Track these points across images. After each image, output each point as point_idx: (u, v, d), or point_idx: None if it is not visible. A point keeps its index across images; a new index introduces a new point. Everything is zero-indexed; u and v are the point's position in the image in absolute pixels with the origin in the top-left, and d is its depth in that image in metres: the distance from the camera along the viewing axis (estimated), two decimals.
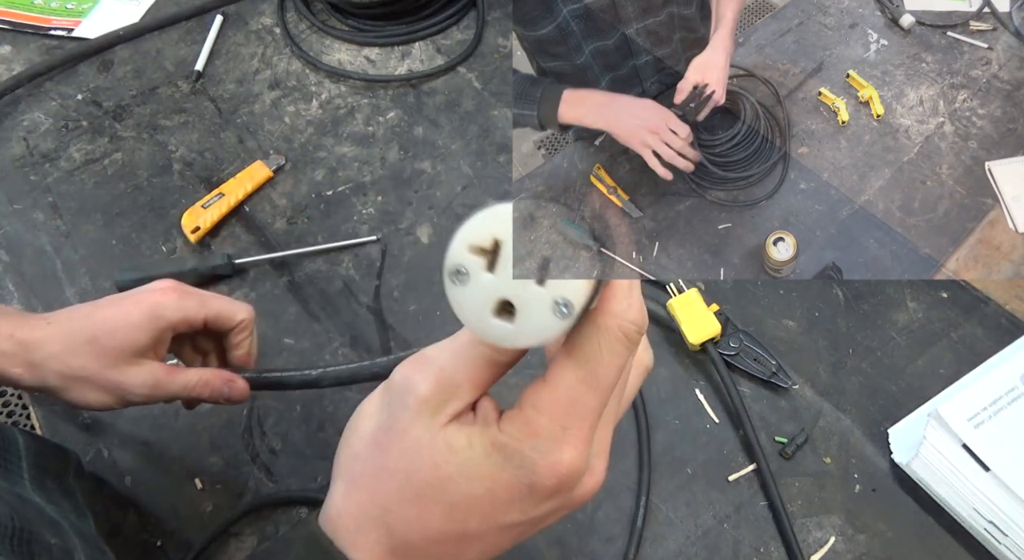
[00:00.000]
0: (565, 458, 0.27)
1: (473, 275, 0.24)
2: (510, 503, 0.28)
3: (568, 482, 0.28)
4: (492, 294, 0.24)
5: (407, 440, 0.29)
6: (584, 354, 0.28)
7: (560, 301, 0.24)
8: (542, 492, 0.28)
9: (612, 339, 0.27)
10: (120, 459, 0.56)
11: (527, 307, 0.24)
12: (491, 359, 0.29)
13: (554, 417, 0.27)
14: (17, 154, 0.75)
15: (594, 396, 0.28)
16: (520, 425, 0.28)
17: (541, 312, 0.24)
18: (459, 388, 0.29)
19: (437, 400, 0.29)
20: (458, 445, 0.28)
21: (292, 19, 0.85)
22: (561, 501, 0.29)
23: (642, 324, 0.28)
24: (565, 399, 0.27)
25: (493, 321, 0.24)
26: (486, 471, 0.28)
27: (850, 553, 0.51)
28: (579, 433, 0.27)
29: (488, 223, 0.24)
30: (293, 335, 0.62)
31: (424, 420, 0.28)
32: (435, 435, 0.28)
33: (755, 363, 0.58)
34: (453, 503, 0.28)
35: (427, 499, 0.28)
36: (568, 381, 0.28)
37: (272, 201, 0.71)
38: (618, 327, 0.27)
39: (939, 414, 0.50)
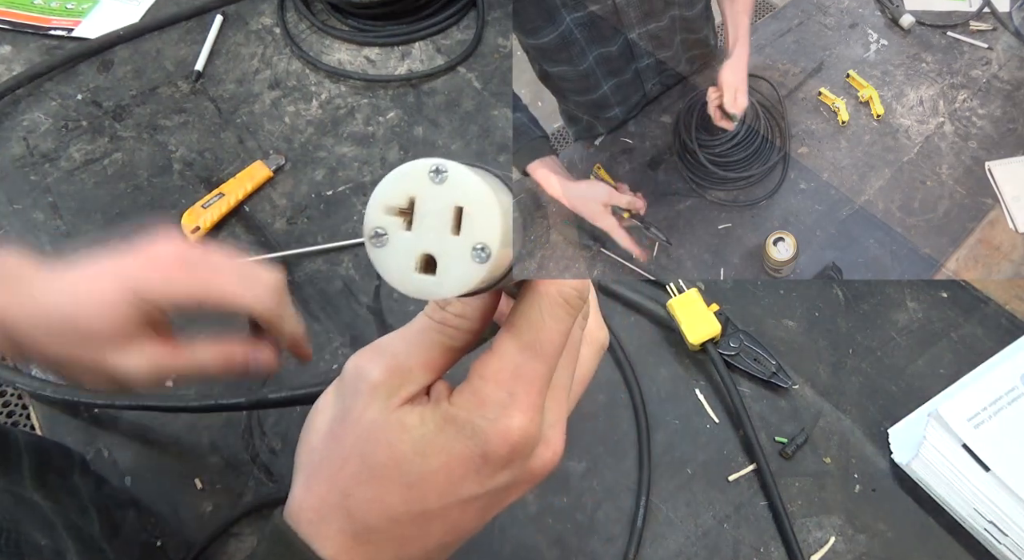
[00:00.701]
0: (514, 424, 0.27)
1: (392, 235, 0.25)
2: (466, 475, 0.28)
3: (520, 448, 0.28)
4: (412, 251, 0.25)
5: (361, 425, 0.29)
6: (526, 321, 0.28)
7: (478, 246, 0.24)
8: (496, 461, 0.28)
9: (552, 304, 0.28)
10: (120, 459, 0.56)
11: (447, 257, 0.24)
12: (443, 344, 0.30)
13: (500, 384, 0.28)
14: (17, 154, 0.75)
15: (539, 362, 0.28)
16: (468, 396, 0.28)
17: (461, 260, 0.24)
18: (411, 372, 0.29)
19: (390, 385, 0.29)
20: (411, 423, 0.28)
21: (292, 19, 0.85)
22: (517, 471, 0.29)
23: (582, 288, 0.29)
24: (510, 366, 0.28)
25: (416, 277, 0.25)
26: (439, 445, 0.28)
27: (850, 553, 0.51)
28: (526, 399, 0.28)
29: (401, 182, 0.25)
30: None
31: (377, 404, 0.29)
32: (388, 416, 0.29)
33: (755, 363, 0.58)
34: (410, 481, 0.28)
35: (384, 479, 0.28)
36: (512, 349, 0.28)
37: (272, 201, 0.71)
38: (557, 292, 0.28)
39: (939, 414, 0.50)
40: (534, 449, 0.29)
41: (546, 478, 0.31)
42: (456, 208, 0.24)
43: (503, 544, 0.51)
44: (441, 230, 0.24)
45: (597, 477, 0.55)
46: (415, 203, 0.25)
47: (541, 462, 0.30)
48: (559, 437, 0.30)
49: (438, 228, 0.24)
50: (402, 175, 0.25)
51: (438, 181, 0.24)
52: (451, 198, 0.24)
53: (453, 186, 0.24)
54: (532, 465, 0.29)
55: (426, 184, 0.25)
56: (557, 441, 0.30)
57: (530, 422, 0.28)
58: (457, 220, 0.24)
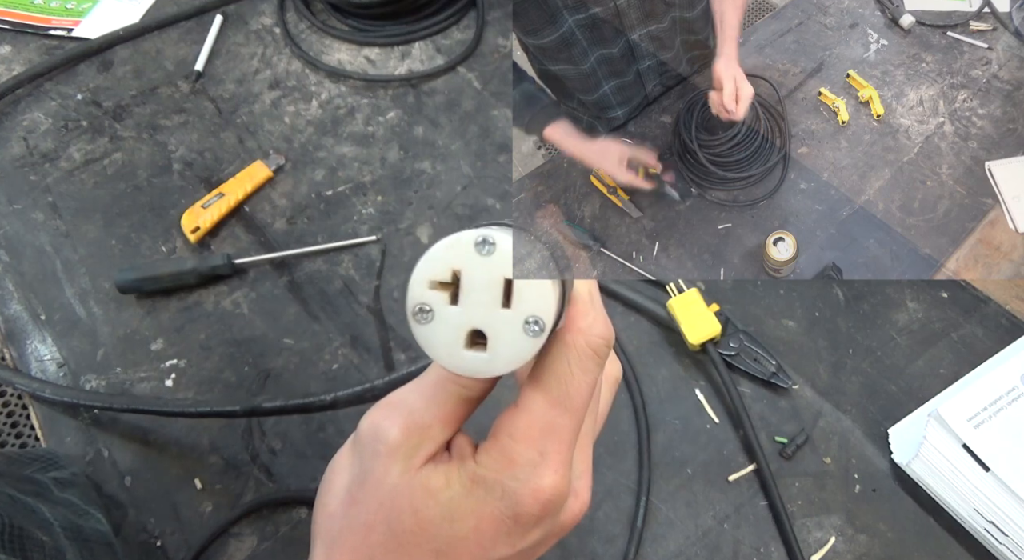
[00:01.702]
0: (546, 484, 0.26)
1: (437, 311, 0.24)
2: (497, 538, 0.27)
3: (552, 507, 0.27)
4: (460, 327, 0.24)
5: (383, 490, 0.27)
6: (554, 375, 0.27)
7: (530, 319, 0.23)
8: (528, 521, 0.27)
9: (581, 356, 0.27)
10: (120, 459, 0.56)
11: (498, 332, 0.23)
12: (460, 396, 0.28)
13: (530, 443, 0.27)
14: (17, 154, 0.75)
15: (569, 417, 0.27)
16: (496, 455, 0.27)
17: (513, 335, 0.23)
18: (430, 429, 0.28)
19: (409, 444, 0.28)
20: (436, 486, 0.27)
21: (292, 19, 0.85)
22: (548, 528, 0.28)
23: (609, 337, 0.28)
24: (540, 423, 0.27)
25: (466, 354, 0.24)
26: (469, 508, 0.27)
27: (850, 553, 0.51)
28: (558, 457, 0.27)
29: (444, 256, 0.24)
30: (293, 335, 0.62)
31: (398, 466, 0.27)
32: (411, 480, 0.27)
33: (755, 363, 0.58)
34: (439, 548, 0.27)
35: (412, 547, 0.27)
36: (541, 405, 0.27)
37: (272, 201, 0.71)
38: (586, 343, 0.27)
39: (939, 414, 0.50)
40: (564, 504, 0.28)
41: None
42: (506, 280, 0.23)
43: None
44: (490, 304, 0.23)
45: (597, 477, 0.54)
46: (461, 276, 0.24)
47: (571, 515, 0.29)
48: (586, 487, 0.30)
49: (487, 302, 0.23)
50: (446, 248, 0.24)
51: (485, 253, 0.23)
52: (500, 271, 0.23)
53: (502, 258, 0.23)
54: (562, 519, 0.28)
55: (472, 256, 0.23)
56: (585, 491, 0.29)
57: (561, 479, 0.27)
58: (507, 292, 0.23)
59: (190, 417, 0.55)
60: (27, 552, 0.38)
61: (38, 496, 0.45)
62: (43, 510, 0.44)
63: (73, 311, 0.64)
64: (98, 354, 0.61)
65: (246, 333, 0.62)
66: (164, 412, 0.55)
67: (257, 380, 0.60)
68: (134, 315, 0.63)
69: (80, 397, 0.56)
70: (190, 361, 0.61)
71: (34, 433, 0.59)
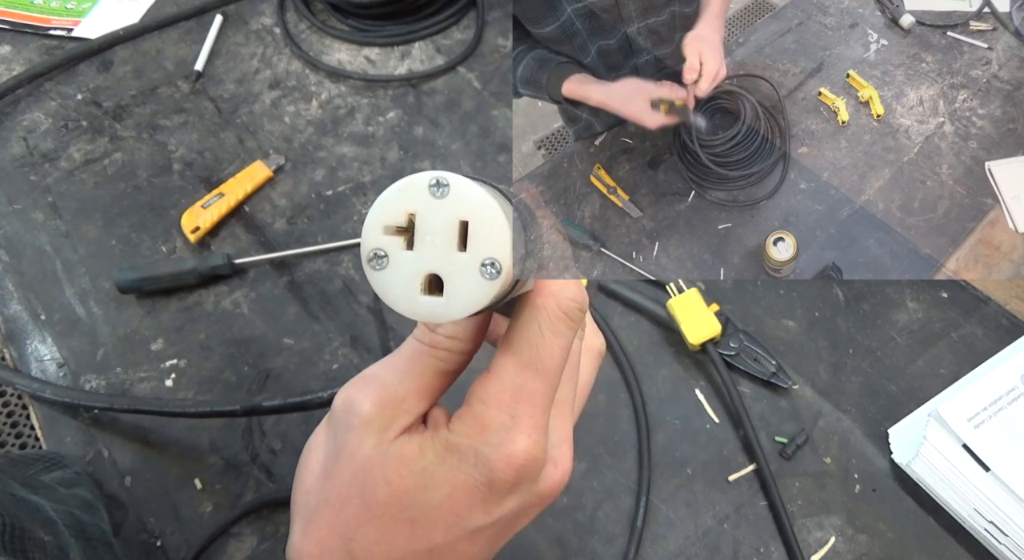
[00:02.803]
0: (519, 448, 0.26)
1: (392, 256, 0.23)
2: (472, 505, 0.27)
3: (527, 473, 0.27)
4: (416, 271, 0.23)
5: (356, 462, 0.27)
6: (525, 338, 0.27)
7: (487, 262, 0.22)
8: (502, 487, 0.26)
9: (552, 318, 0.27)
10: (120, 459, 0.56)
11: (454, 275, 0.23)
12: (436, 368, 0.28)
13: (502, 407, 0.26)
14: (17, 154, 0.75)
15: (541, 380, 0.27)
16: (469, 421, 0.27)
17: (469, 277, 0.23)
18: (404, 401, 0.28)
19: (383, 417, 0.27)
20: (410, 455, 0.27)
21: (292, 19, 0.85)
22: (524, 496, 0.27)
23: (581, 300, 0.27)
24: (511, 387, 0.26)
25: (422, 299, 0.23)
26: (442, 476, 0.26)
27: (850, 553, 0.51)
28: (530, 420, 0.26)
29: (399, 199, 0.23)
30: (293, 335, 0.62)
31: (372, 439, 0.27)
32: (385, 451, 0.27)
33: (755, 363, 0.58)
34: (414, 517, 0.27)
35: (387, 518, 0.27)
36: (512, 368, 0.27)
37: (272, 201, 0.71)
38: (556, 306, 0.27)
39: (939, 414, 0.50)
40: (541, 471, 0.27)
41: (557, 497, 0.29)
42: (461, 222, 0.23)
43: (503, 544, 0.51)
44: (446, 247, 0.23)
45: (597, 477, 0.55)
46: (415, 220, 0.23)
47: (550, 483, 0.28)
48: (567, 455, 0.29)
49: (442, 245, 0.23)
50: (400, 191, 0.23)
51: (439, 195, 0.23)
52: (455, 212, 0.23)
53: (456, 199, 0.23)
54: (540, 487, 0.28)
55: (426, 199, 0.23)
56: (565, 460, 0.29)
57: (535, 444, 0.26)
58: (462, 235, 0.23)
59: (191, 417, 0.55)
60: (28, 552, 0.38)
61: (42, 495, 0.45)
62: (47, 508, 0.43)
63: (73, 311, 0.64)
64: (98, 354, 0.61)
65: (246, 333, 0.62)
66: (164, 412, 0.55)
67: (257, 380, 0.60)
68: (134, 315, 0.63)
69: (80, 398, 0.56)
70: (190, 361, 0.61)
71: (34, 433, 0.59)
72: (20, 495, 0.43)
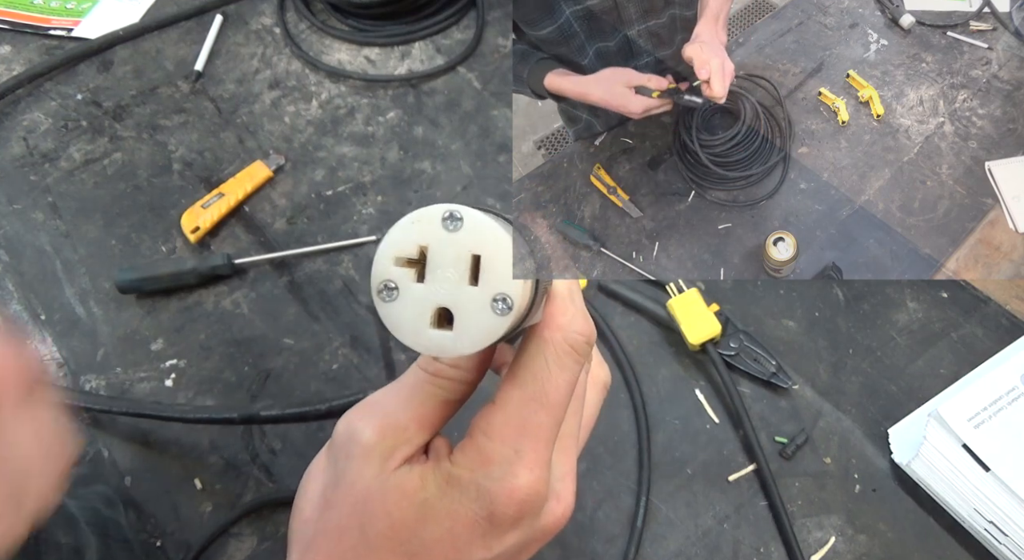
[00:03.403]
0: (521, 482, 0.25)
1: (403, 288, 0.23)
2: (472, 540, 0.26)
3: (528, 508, 0.26)
4: (426, 304, 0.23)
5: (356, 492, 0.27)
6: (531, 372, 0.26)
7: (498, 298, 0.22)
8: (503, 522, 0.26)
9: (559, 352, 0.26)
10: (120, 459, 0.56)
11: (464, 310, 0.23)
12: (439, 397, 0.28)
13: (505, 441, 0.26)
14: (17, 154, 0.75)
15: (546, 414, 0.26)
16: (472, 454, 0.26)
17: (480, 313, 0.23)
18: (406, 430, 0.27)
19: (384, 445, 0.27)
20: (411, 487, 0.26)
21: (292, 19, 0.85)
22: (526, 531, 0.27)
23: (589, 334, 0.27)
24: (515, 420, 0.26)
25: (431, 332, 0.23)
26: (443, 510, 0.26)
27: (850, 553, 0.51)
28: (534, 455, 0.26)
29: (410, 231, 0.23)
30: (293, 335, 0.62)
31: (372, 468, 0.27)
32: (386, 481, 0.26)
33: (755, 363, 0.58)
34: (413, 551, 0.26)
35: (384, 551, 0.26)
36: (516, 401, 0.26)
37: (272, 201, 0.71)
38: (564, 339, 0.26)
39: (939, 414, 0.50)
40: (543, 506, 0.27)
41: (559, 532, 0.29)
42: (473, 256, 0.23)
43: None
44: (457, 281, 0.23)
45: (597, 477, 0.55)
46: (427, 253, 0.23)
47: (552, 518, 0.28)
48: (569, 490, 0.29)
49: (454, 279, 0.23)
50: (413, 223, 0.23)
51: (452, 228, 0.23)
52: (467, 246, 0.22)
53: (469, 233, 0.23)
54: (543, 523, 0.27)
55: (439, 232, 0.23)
56: (567, 494, 0.28)
57: (538, 479, 0.26)
58: (474, 270, 0.23)
59: (189, 423, 0.55)
60: (42, 557, 0.38)
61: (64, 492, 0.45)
62: (70, 506, 0.43)
63: (73, 311, 0.64)
64: (98, 354, 0.61)
65: (246, 333, 0.62)
66: (162, 417, 0.55)
67: (257, 380, 0.60)
68: (134, 315, 0.63)
69: (78, 399, 0.56)
70: (190, 361, 0.61)
71: None
72: None
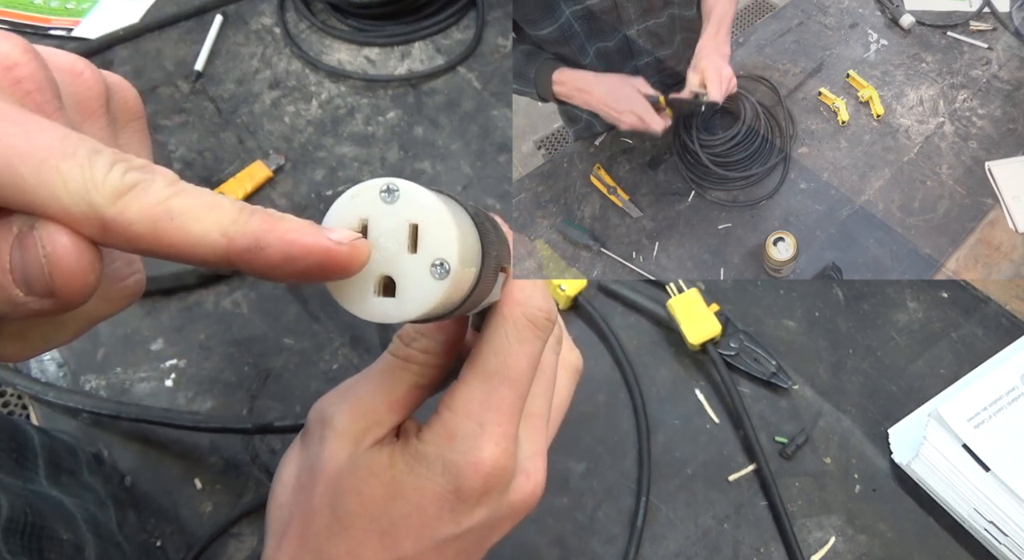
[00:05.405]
0: (486, 455, 0.26)
1: None
2: (440, 515, 0.26)
3: (494, 481, 0.26)
4: (369, 274, 0.24)
5: (328, 474, 0.27)
6: (492, 347, 0.27)
7: (436, 263, 0.23)
8: (470, 496, 0.26)
9: (518, 327, 0.27)
10: (120, 459, 0.56)
11: (405, 277, 0.24)
12: (409, 381, 0.28)
13: (469, 415, 0.26)
14: None
15: (508, 388, 0.26)
16: (437, 430, 0.27)
17: (420, 278, 0.23)
18: (377, 413, 0.28)
19: (356, 428, 0.27)
20: (380, 466, 0.27)
21: (292, 19, 0.85)
22: (494, 507, 0.27)
23: (548, 310, 0.27)
24: (479, 395, 0.26)
25: (376, 300, 0.24)
26: (411, 486, 0.26)
27: (850, 553, 0.51)
28: (498, 428, 0.26)
29: (350, 205, 0.24)
30: (293, 335, 0.62)
31: (344, 451, 0.27)
32: (356, 461, 0.27)
33: (755, 363, 0.58)
34: (383, 528, 0.26)
35: (356, 530, 0.26)
36: (479, 377, 0.27)
37: (272, 201, 0.71)
38: (522, 314, 0.27)
39: (939, 414, 0.50)
40: (511, 481, 0.27)
41: (531, 511, 0.29)
42: (411, 225, 0.24)
43: (503, 544, 0.51)
44: (397, 250, 0.24)
45: (597, 477, 0.55)
46: (368, 225, 0.24)
47: (521, 495, 0.28)
48: (539, 468, 0.29)
49: (394, 248, 0.24)
50: (352, 198, 0.24)
51: (390, 200, 0.24)
52: (405, 216, 0.24)
53: (406, 203, 0.24)
54: (511, 499, 0.28)
55: (378, 204, 0.24)
56: (537, 472, 0.29)
57: (503, 452, 0.26)
58: (413, 238, 0.24)
59: (202, 432, 0.55)
60: (44, 552, 0.38)
61: (63, 489, 0.45)
62: (67, 503, 0.43)
63: None
64: (98, 354, 0.61)
65: (246, 333, 0.62)
66: (174, 424, 0.55)
67: (257, 380, 0.60)
68: (134, 315, 0.63)
69: (84, 403, 0.56)
70: (190, 361, 0.61)
71: (43, 429, 0.59)
72: (43, 490, 0.43)
